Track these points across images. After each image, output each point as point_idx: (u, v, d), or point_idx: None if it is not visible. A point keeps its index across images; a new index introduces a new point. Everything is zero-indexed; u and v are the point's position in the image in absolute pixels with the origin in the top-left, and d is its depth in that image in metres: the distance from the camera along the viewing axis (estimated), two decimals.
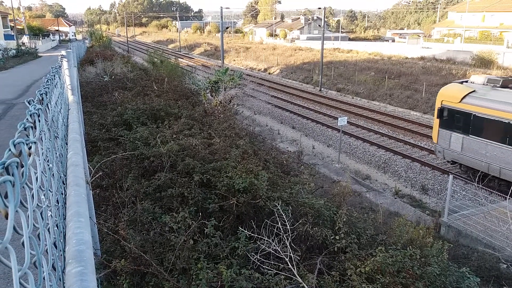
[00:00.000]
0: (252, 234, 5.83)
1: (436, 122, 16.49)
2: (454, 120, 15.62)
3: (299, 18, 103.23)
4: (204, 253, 5.54)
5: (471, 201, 12.23)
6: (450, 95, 15.91)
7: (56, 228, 1.90)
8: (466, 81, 16.43)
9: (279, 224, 5.84)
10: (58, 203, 2.25)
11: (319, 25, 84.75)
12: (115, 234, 5.58)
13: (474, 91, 15.22)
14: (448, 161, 16.50)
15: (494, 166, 13.85)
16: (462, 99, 15.33)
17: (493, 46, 55.64)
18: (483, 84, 15.35)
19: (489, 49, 48.28)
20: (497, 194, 10.82)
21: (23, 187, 1.21)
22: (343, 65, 45.31)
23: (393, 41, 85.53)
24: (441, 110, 16.09)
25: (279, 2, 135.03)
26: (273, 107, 28.54)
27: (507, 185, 12.92)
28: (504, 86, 14.73)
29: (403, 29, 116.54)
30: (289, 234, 5.68)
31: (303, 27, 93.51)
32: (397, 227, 7.66)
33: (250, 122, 21.88)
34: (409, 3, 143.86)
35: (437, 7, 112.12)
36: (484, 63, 44.98)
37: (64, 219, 2.04)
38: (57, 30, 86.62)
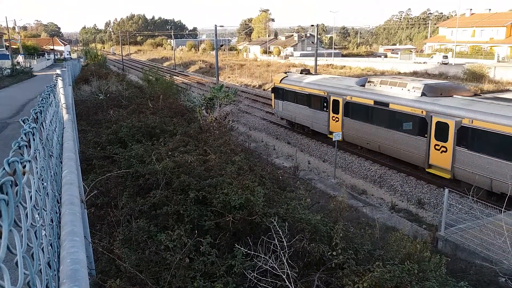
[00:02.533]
0: (249, 251, 5.78)
1: (272, 96, 28.26)
2: (278, 93, 26.87)
3: (292, 35, 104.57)
4: (200, 271, 5.47)
5: (467, 215, 12.23)
6: (276, 79, 27.70)
7: (50, 247, 1.88)
8: (287, 72, 28.79)
9: (276, 240, 5.80)
10: (53, 222, 2.23)
11: (312, 42, 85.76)
12: (110, 253, 5.51)
13: (286, 76, 26.90)
14: (279, 118, 27.78)
15: (296, 116, 25.38)
16: (280, 81, 26.69)
17: (484, 60, 56.56)
18: (292, 72, 27.73)
19: (480, 64, 49.01)
20: (492, 207, 10.84)
21: (17, 206, 1.21)
22: None
23: (386, 56, 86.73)
24: (273, 88, 27.90)
25: (273, 20, 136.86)
26: (268, 123, 28.64)
27: (301, 127, 25.24)
28: (301, 73, 26.48)
29: (395, 45, 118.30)
30: (286, 251, 5.63)
31: (297, 44, 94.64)
32: (394, 242, 7.63)
33: (246, 138, 21.91)
34: (400, 19, 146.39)
35: (428, 23, 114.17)
36: (475, 77, 45.58)
37: (59, 238, 2.02)
38: (52, 49, 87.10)
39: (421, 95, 17.20)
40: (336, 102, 21.73)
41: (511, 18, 66.84)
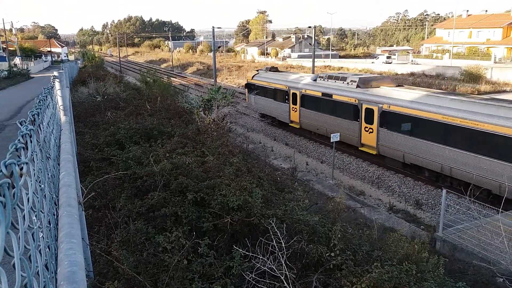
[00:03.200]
0: (247, 253, 5.77)
1: (246, 91, 31.91)
2: (251, 88, 30.19)
3: (290, 37, 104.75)
4: (199, 273, 5.46)
5: (465, 215, 12.26)
6: (249, 76, 31.40)
7: (47, 249, 1.88)
8: (258, 70, 31.92)
9: (274, 241, 5.80)
10: (50, 224, 2.22)
11: (310, 44, 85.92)
12: (108, 255, 5.49)
13: (257, 73, 30.19)
14: (254, 110, 31.17)
15: (265, 108, 28.76)
16: (252, 77, 30.24)
17: (481, 61, 56.76)
18: (262, 70, 30.68)
19: (477, 64, 49.12)
20: (490, 207, 10.87)
21: (14, 208, 1.20)
22: None
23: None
24: (246, 84, 31.78)
25: (270, 22, 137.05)
26: (266, 124, 28.66)
27: (274, 120, 27.93)
28: (269, 71, 29.90)
29: (393, 46, 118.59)
30: (284, 252, 5.63)
31: (294, 45, 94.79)
32: (392, 243, 7.64)
33: (244, 139, 21.90)
34: (397, 20, 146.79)
35: (425, 24, 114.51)
36: (472, 78, 45.66)
37: (56, 240, 2.02)
38: (50, 51, 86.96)
39: (356, 87, 20.39)
40: (294, 95, 25.19)
41: (507, 19, 67.14)
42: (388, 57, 69.01)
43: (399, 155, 17.70)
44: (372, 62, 67.12)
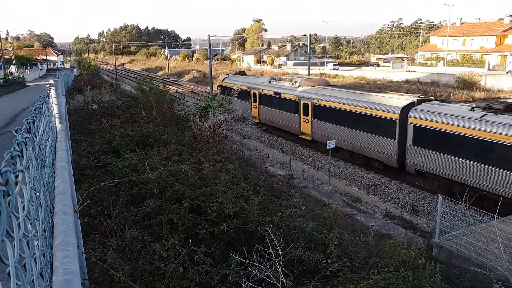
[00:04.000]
0: (243, 260, 5.75)
1: (218, 91, 33.07)
2: (222, 89, 33.60)
3: (285, 45, 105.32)
4: (195, 281, 5.43)
5: (461, 221, 12.28)
6: (220, 79, 37.45)
7: (43, 257, 1.87)
8: (228, 74, 39.28)
9: (271, 249, 5.78)
10: (45, 232, 2.21)
11: (305, 51, 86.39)
12: (103, 263, 5.46)
13: (227, 76, 36.17)
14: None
15: (234, 107, 27.46)
16: (223, 80, 35.57)
17: (475, 68, 57.23)
18: (232, 74, 37.39)
19: (471, 72, 49.50)
20: (485, 213, 10.90)
21: (10, 216, 1.20)
22: None
23: (378, 65, 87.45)
24: (218, 86, 36.24)
25: (266, 30, 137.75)
26: (262, 132, 28.70)
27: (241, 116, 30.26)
28: (237, 74, 35.78)
29: (387, 54, 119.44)
30: (280, 259, 5.62)
31: (290, 53, 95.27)
32: (389, 249, 7.63)
33: (240, 146, 21.90)
34: (392, 28, 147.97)
35: (420, 32, 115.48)
36: (467, 85, 45.98)
37: (51, 248, 2.01)
38: (45, 59, 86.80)
39: (298, 87, 25.18)
40: (254, 94, 29.90)
41: (500, 27, 67.85)
42: (335, 65, 79.05)
43: (324, 139, 20.79)
44: (323, 69, 75.70)
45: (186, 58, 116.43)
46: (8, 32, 63.09)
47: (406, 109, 17.22)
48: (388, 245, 7.93)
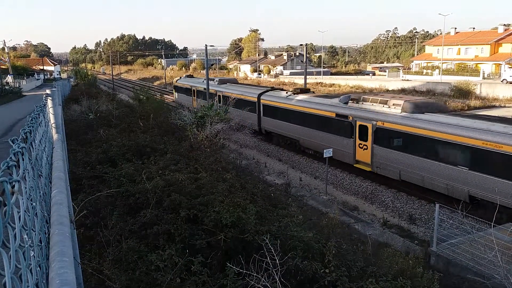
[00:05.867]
0: (241, 270, 5.72)
1: (174, 91, 46.82)
2: (177, 89, 45.04)
3: (282, 54, 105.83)
4: None
5: (458, 230, 12.27)
6: (174, 81, 48.85)
7: (38, 268, 1.85)
8: (180, 77, 48.25)
9: (268, 258, 5.75)
10: (41, 243, 2.20)
11: (302, 61, 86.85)
12: (99, 274, 5.41)
13: (179, 78, 46.68)
14: (178, 103, 42.36)
15: (184, 103, 40.20)
16: (176, 81, 46.49)
17: (470, 77, 57.67)
18: (183, 77, 46.71)
19: (467, 80, 49.87)
20: (482, 221, 10.90)
21: (6, 226, 1.20)
22: None
23: (374, 74, 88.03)
24: (173, 86, 47.83)
25: (262, 40, 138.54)
26: (259, 141, 28.71)
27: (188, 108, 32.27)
28: (187, 77, 46.68)
29: (383, 63, 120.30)
30: (278, 269, 5.59)
31: (286, 63, 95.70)
32: (387, 258, 7.62)
33: (237, 155, 21.89)
34: (387, 38, 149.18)
35: (415, 41, 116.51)
36: (462, 93, 46.28)
37: (47, 259, 1.99)
38: (42, 69, 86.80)
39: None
40: (194, 92, 39.29)
41: (494, 36, 68.56)
42: (280, 71, 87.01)
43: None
44: (276, 75, 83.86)
45: (183, 68, 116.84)
46: (5, 42, 63.16)
47: (260, 95, 28.61)
48: (386, 254, 7.92)
